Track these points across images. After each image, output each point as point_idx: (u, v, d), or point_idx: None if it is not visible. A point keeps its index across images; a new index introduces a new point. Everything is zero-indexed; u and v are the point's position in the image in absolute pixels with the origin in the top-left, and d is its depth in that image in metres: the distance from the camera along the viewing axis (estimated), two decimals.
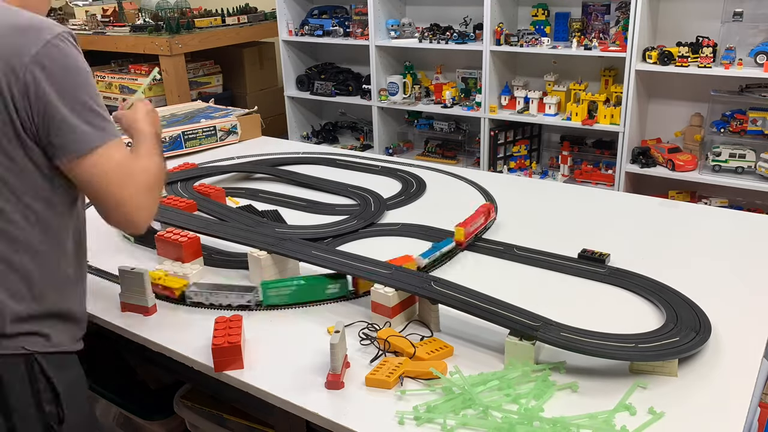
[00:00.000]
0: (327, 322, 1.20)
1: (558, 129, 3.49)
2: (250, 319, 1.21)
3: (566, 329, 1.06)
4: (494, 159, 3.43)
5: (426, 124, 3.77)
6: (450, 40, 3.43)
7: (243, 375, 1.07)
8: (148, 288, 1.24)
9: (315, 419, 0.98)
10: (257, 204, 1.78)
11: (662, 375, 1.01)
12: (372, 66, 3.67)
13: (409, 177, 1.95)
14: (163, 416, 1.51)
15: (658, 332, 1.08)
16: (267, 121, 2.67)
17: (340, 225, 1.59)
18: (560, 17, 3.28)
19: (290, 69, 4.09)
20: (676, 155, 2.97)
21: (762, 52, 2.67)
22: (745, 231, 1.54)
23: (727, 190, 2.99)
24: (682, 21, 2.98)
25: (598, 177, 3.24)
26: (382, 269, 1.23)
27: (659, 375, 1.01)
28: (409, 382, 1.03)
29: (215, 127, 2.37)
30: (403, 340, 1.09)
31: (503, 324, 1.06)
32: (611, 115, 3.05)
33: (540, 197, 1.82)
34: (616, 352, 1.01)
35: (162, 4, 4.19)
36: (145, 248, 1.54)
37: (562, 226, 1.61)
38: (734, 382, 1.00)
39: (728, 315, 1.16)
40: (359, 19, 3.80)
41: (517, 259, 1.41)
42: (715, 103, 2.95)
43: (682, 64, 2.79)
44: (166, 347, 1.16)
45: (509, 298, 1.13)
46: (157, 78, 3.50)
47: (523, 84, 3.39)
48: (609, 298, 1.26)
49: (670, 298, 1.20)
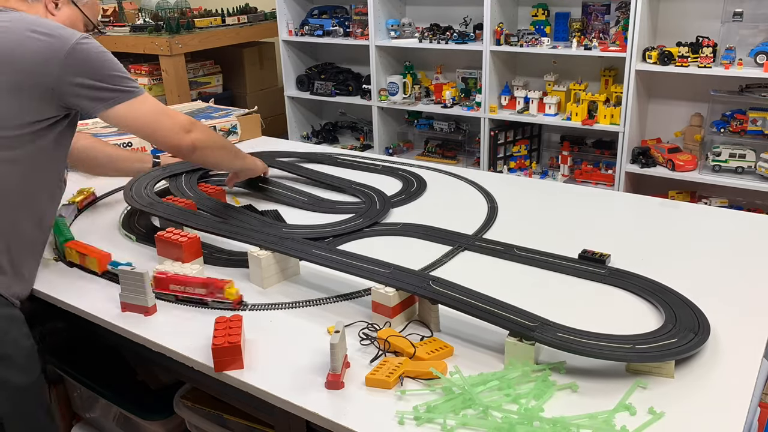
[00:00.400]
0: (327, 322, 1.20)
1: (558, 129, 3.49)
2: (250, 319, 1.21)
3: (563, 330, 1.06)
4: (494, 159, 3.43)
5: (426, 124, 3.77)
6: (450, 40, 3.43)
7: (243, 375, 1.07)
8: (148, 288, 1.24)
9: (315, 419, 0.98)
10: (257, 203, 1.78)
11: (659, 376, 1.01)
12: (372, 66, 3.67)
13: (410, 176, 1.95)
14: (163, 416, 1.51)
15: (656, 333, 1.08)
16: (267, 121, 2.67)
17: (344, 224, 1.59)
18: (560, 17, 3.29)
19: (290, 69, 4.09)
20: (676, 155, 2.97)
21: (762, 52, 2.67)
22: (745, 231, 1.54)
23: (727, 190, 3.00)
24: (682, 21, 2.98)
25: (598, 177, 3.24)
26: (383, 269, 1.24)
27: (656, 376, 1.01)
28: (409, 382, 1.03)
29: (215, 127, 2.37)
30: (403, 340, 1.09)
31: (500, 324, 1.06)
32: (611, 115, 3.05)
33: (540, 197, 1.82)
34: (613, 352, 1.01)
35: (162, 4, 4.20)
36: (146, 248, 1.54)
37: (561, 227, 1.61)
38: (734, 382, 1.00)
39: (728, 315, 1.16)
40: (359, 19, 3.80)
41: (517, 260, 1.41)
42: (715, 103, 2.95)
43: (682, 64, 2.79)
44: (166, 347, 1.16)
45: (509, 298, 1.13)
46: None
47: (523, 84, 3.39)
48: (609, 298, 1.26)
49: (670, 298, 1.20)
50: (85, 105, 1.30)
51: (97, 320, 1.27)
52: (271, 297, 1.31)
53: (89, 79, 1.27)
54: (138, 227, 1.65)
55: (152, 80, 3.81)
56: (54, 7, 1.41)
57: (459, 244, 1.48)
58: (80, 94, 1.28)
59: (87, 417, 1.71)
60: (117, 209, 1.78)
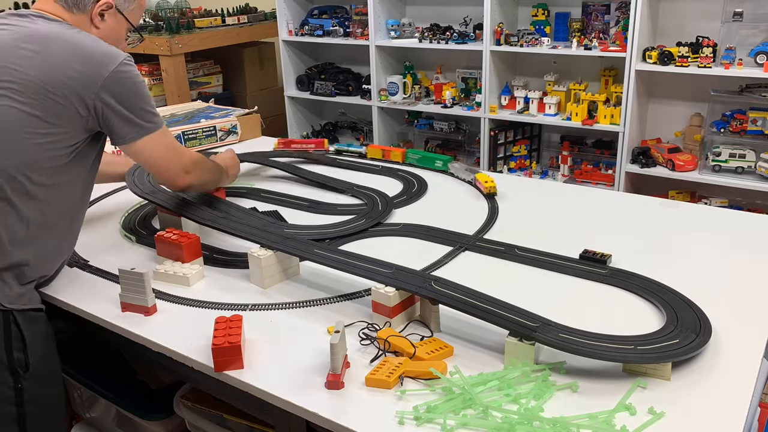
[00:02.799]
0: (327, 322, 1.20)
1: (558, 129, 3.49)
2: (250, 319, 1.21)
3: (565, 330, 1.06)
4: (494, 159, 3.43)
5: (426, 124, 3.77)
6: (450, 40, 3.43)
7: (243, 375, 1.07)
8: (148, 288, 1.24)
9: (315, 419, 0.98)
10: (258, 204, 1.78)
11: (654, 377, 1.01)
12: (372, 66, 3.67)
13: (411, 177, 1.95)
14: (163, 416, 1.51)
15: (657, 334, 1.08)
16: (267, 121, 2.67)
17: (347, 225, 1.59)
18: (560, 17, 3.28)
19: (290, 69, 4.09)
20: (676, 155, 2.97)
21: (762, 52, 2.67)
22: (745, 231, 1.54)
23: (727, 190, 2.99)
24: (682, 21, 2.98)
25: (598, 177, 3.24)
26: (384, 269, 1.24)
27: (651, 377, 1.01)
28: (409, 382, 1.03)
29: (215, 127, 2.37)
30: (403, 340, 1.09)
31: (502, 324, 1.06)
32: (611, 115, 3.05)
33: (540, 197, 1.82)
34: (614, 354, 1.01)
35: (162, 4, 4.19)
36: (145, 248, 1.54)
37: (562, 227, 1.61)
38: (734, 382, 1.00)
39: (728, 315, 1.16)
40: (359, 19, 3.80)
41: (518, 260, 1.41)
42: (715, 103, 2.95)
43: (682, 64, 2.79)
44: (166, 347, 1.16)
45: (510, 298, 1.13)
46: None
47: (523, 84, 3.39)
48: (610, 299, 1.26)
49: (671, 299, 1.20)
50: (111, 131, 1.29)
51: (97, 320, 1.27)
52: (271, 297, 1.31)
53: (122, 106, 1.26)
54: (138, 228, 1.65)
55: (152, 80, 3.81)
56: (100, 20, 1.36)
57: (460, 244, 1.48)
58: (110, 119, 1.27)
59: (87, 417, 1.71)
60: (117, 210, 1.78)
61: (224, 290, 1.34)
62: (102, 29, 1.37)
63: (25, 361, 1.24)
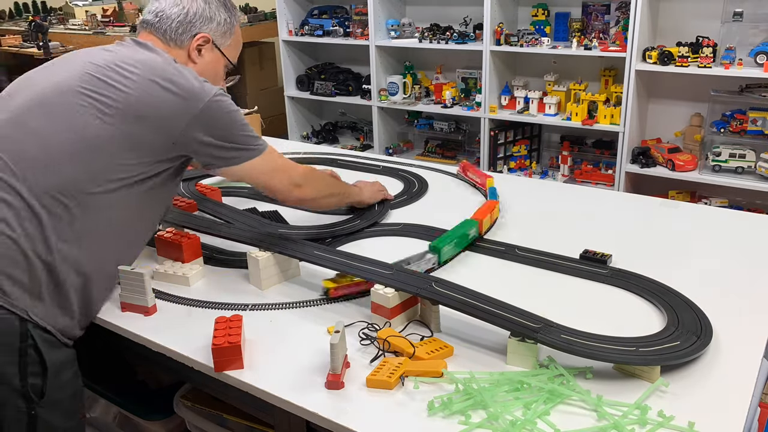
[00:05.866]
0: (327, 322, 1.20)
1: (558, 129, 3.49)
2: (250, 319, 1.21)
3: (567, 331, 1.05)
4: (494, 159, 3.43)
5: (426, 124, 3.77)
6: (450, 40, 3.43)
7: (243, 375, 1.07)
8: (149, 288, 1.24)
9: (315, 419, 0.98)
10: (258, 204, 1.78)
11: (642, 380, 1.00)
12: (372, 66, 3.67)
13: (411, 177, 1.95)
14: (163, 416, 1.50)
15: (659, 336, 1.07)
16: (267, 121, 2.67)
17: (344, 224, 1.59)
18: (560, 17, 3.29)
19: (290, 69, 4.09)
20: (676, 155, 2.97)
21: (762, 52, 2.67)
22: (745, 231, 1.54)
23: (727, 190, 3.00)
24: (682, 21, 2.98)
25: (598, 177, 3.24)
26: (385, 270, 1.23)
27: (640, 379, 1.00)
28: (409, 382, 1.03)
29: None
30: (403, 340, 1.09)
31: (504, 326, 1.06)
32: (611, 115, 3.05)
33: (540, 197, 1.82)
34: (616, 355, 1.01)
35: None
36: (145, 248, 1.54)
37: (562, 227, 1.61)
38: (734, 382, 1.00)
39: (728, 315, 1.16)
40: (359, 19, 3.80)
41: (518, 260, 1.41)
42: (715, 103, 2.95)
43: (682, 64, 2.79)
44: (166, 347, 1.16)
45: (511, 299, 1.13)
46: None
47: (523, 84, 3.39)
48: (610, 299, 1.26)
49: (672, 299, 1.20)
50: (205, 161, 1.29)
51: (97, 320, 1.27)
52: (271, 297, 1.31)
53: (216, 139, 1.25)
54: None
55: None
56: (197, 55, 1.35)
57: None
58: (202, 151, 1.26)
59: (87, 417, 1.71)
60: None
61: (224, 290, 1.34)
62: (199, 64, 1.35)
63: (42, 388, 1.15)
